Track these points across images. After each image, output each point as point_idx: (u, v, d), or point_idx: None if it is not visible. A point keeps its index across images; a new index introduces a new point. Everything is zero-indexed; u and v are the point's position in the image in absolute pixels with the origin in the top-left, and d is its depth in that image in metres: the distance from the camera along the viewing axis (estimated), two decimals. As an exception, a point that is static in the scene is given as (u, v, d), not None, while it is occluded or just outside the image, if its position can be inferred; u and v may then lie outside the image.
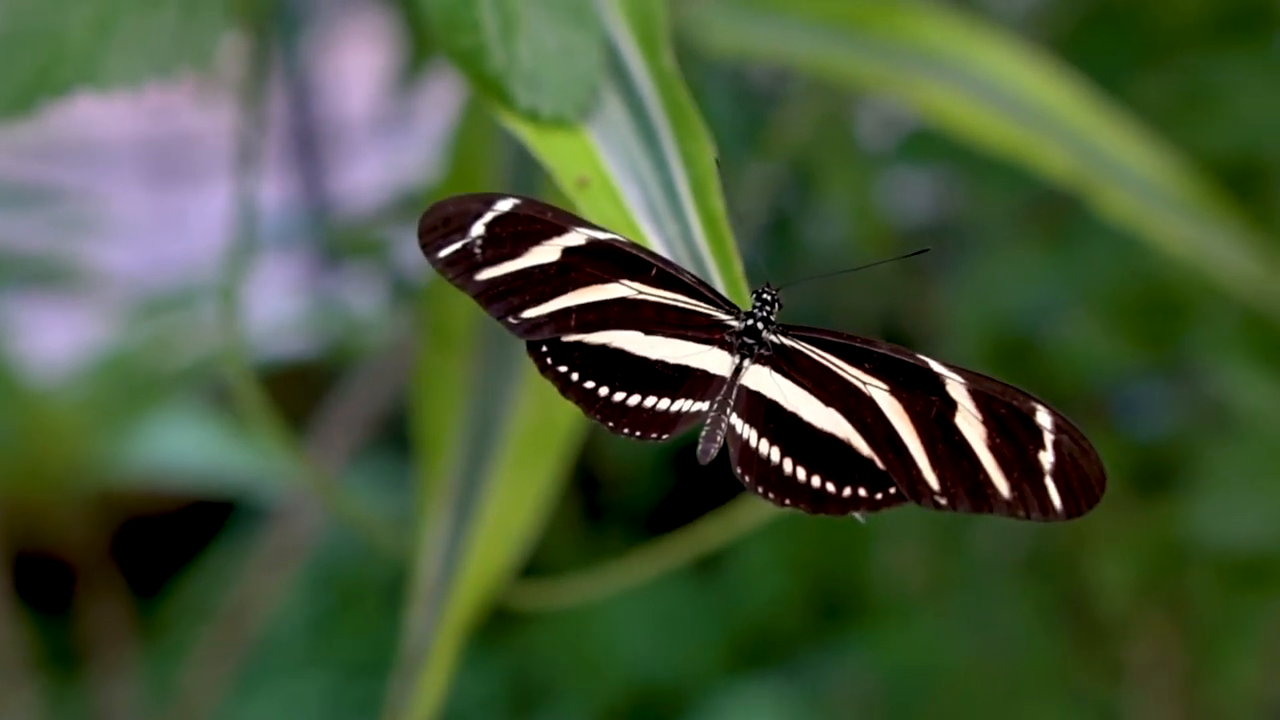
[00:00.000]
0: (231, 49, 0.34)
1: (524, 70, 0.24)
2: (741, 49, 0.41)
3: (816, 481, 0.23)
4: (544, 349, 0.24)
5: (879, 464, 0.23)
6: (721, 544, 0.38)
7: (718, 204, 0.23)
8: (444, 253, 0.23)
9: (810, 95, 0.56)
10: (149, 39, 0.27)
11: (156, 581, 0.88)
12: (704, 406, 0.23)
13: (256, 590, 0.67)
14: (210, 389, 0.85)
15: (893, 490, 0.23)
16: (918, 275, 0.68)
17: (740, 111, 0.63)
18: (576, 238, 0.23)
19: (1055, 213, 0.53)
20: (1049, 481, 0.22)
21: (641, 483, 0.88)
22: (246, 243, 0.34)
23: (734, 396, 0.23)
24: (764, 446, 0.23)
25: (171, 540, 0.91)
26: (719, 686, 0.80)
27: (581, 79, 0.25)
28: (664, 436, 0.23)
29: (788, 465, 0.23)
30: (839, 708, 0.77)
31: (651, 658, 0.82)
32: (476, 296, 0.24)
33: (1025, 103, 0.39)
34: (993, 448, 0.22)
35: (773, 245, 0.70)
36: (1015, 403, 0.22)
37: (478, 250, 0.23)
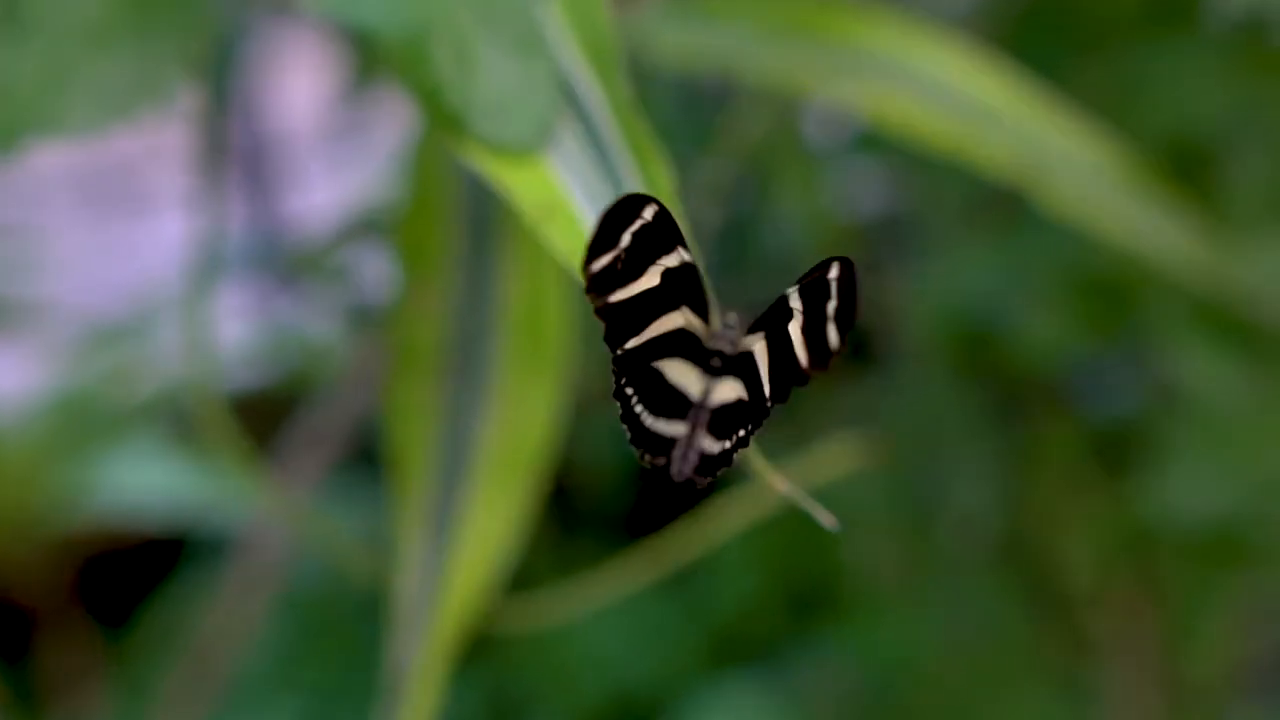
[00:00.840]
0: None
1: (481, 104, 0.25)
2: (686, 58, 0.42)
3: (725, 447, 0.23)
4: (619, 372, 0.23)
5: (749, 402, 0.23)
6: (699, 550, 0.38)
7: (683, 228, 0.24)
8: (596, 266, 0.22)
9: (758, 98, 0.56)
10: (106, 83, 0.27)
11: (121, 618, 0.87)
12: (683, 430, 0.23)
13: (224, 622, 0.66)
14: (168, 420, 0.84)
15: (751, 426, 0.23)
16: (871, 272, 0.69)
17: (688, 116, 0.64)
18: (674, 258, 0.23)
19: (1006, 205, 0.54)
20: (830, 327, 0.22)
21: (613, 489, 0.89)
22: (207, 269, 0.34)
23: (702, 417, 0.23)
24: (709, 444, 0.23)
25: (134, 576, 0.90)
26: (698, 689, 0.80)
27: (539, 110, 0.25)
28: (661, 461, 0.23)
29: (714, 447, 0.23)
30: (819, 702, 0.78)
31: (629, 665, 0.82)
32: (605, 322, 0.23)
33: (968, 99, 0.40)
34: (804, 329, 0.23)
35: (726, 248, 0.71)
36: (817, 271, 0.23)
37: (621, 265, 0.22)
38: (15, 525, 0.76)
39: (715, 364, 0.24)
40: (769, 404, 0.23)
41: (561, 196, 0.25)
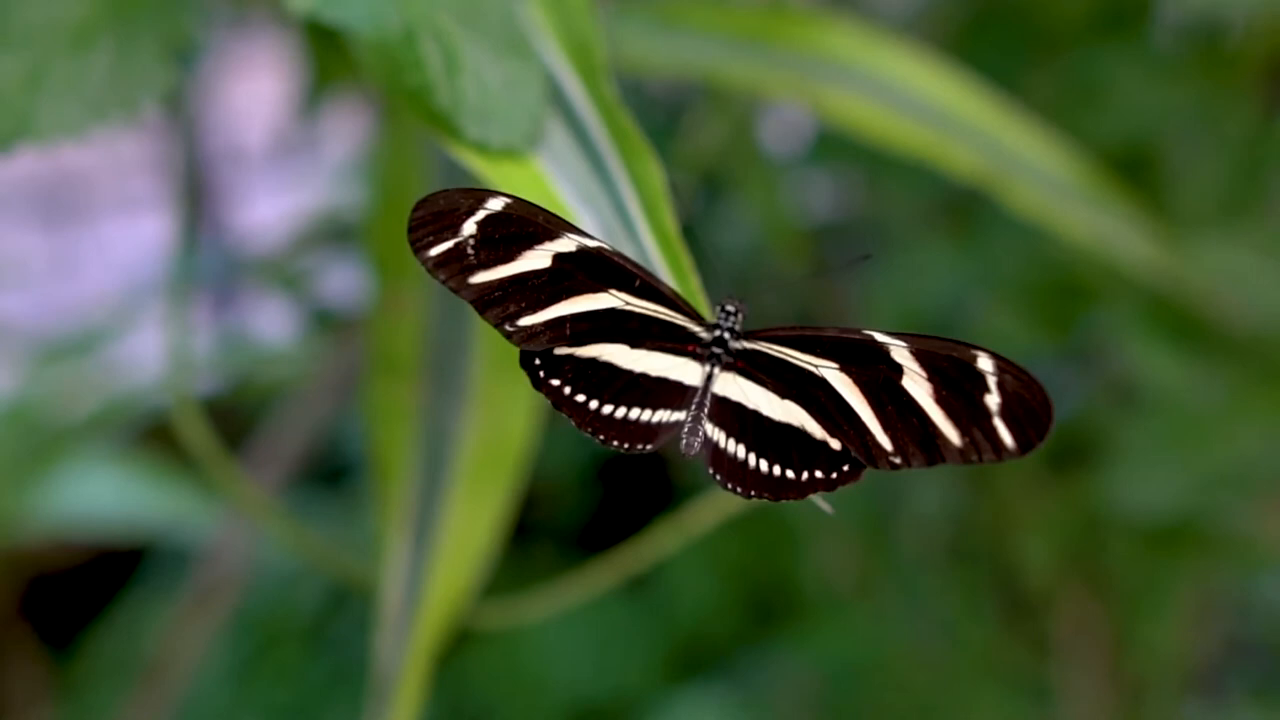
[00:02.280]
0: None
1: (470, 104, 0.25)
2: (648, 64, 0.42)
3: (777, 470, 0.24)
4: (537, 363, 0.24)
5: (832, 444, 0.24)
6: (656, 559, 0.39)
7: (670, 222, 0.24)
8: (435, 251, 0.23)
9: (715, 104, 0.57)
10: (83, 86, 0.27)
11: (70, 636, 0.86)
12: (680, 416, 0.24)
13: (178, 639, 0.66)
14: (118, 435, 0.83)
15: (846, 468, 0.24)
16: (829, 274, 0.69)
17: (643, 121, 0.64)
18: (568, 244, 0.24)
19: (963, 207, 0.55)
20: (998, 422, 0.23)
21: (569, 498, 0.88)
22: (185, 279, 0.34)
23: (706, 404, 0.24)
24: (731, 446, 0.24)
25: (83, 593, 0.89)
26: (660, 698, 0.80)
27: (527, 110, 0.25)
28: (648, 446, 0.24)
29: (752, 460, 0.24)
30: (781, 708, 0.78)
31: (590, 675, 0.82)
32: (473, 302, 0.24)
33: (930, 105, 0.41)
34: (940, 400, 0.23)
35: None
36: (955, 354, 0.23)
37: (471, 251, 0.23)
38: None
39: (727, 359, 0.24)
40: (893, 460, 0.24)
41: (553, 194, 0.25)
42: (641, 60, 0.41)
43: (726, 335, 0.25)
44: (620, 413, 0.24)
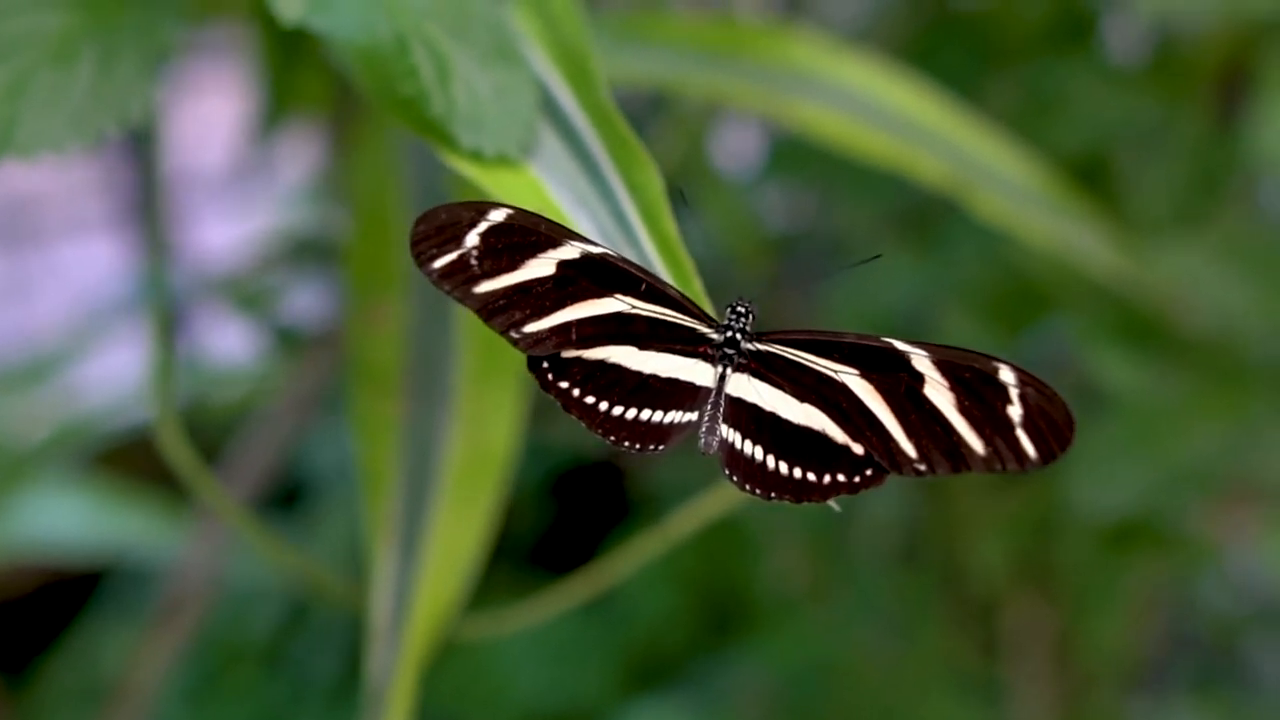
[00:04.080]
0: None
1: (463, 113, 0.25)
2: (623, 77, 0.43)
3: (798, 473, 0.24)
4: (545, 365, 0.24)
5: (855, 449, 0.24)
6: (616, 578, 0.39)
7: (671, 227, 0.25)
8: (439, 263, 0.24)
9: (671, 117, 0.57)
10: (66, 99, 0.27)
11: (25, 662, 0.85)
12: (693, 416, 0.25)
13: (140, 661, 0.65)
14: (76, 458, 0.82)
15: (869, 472, 0.24)
16: (788, 285, 0.70)
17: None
18: (571, 251, 0.24)
19: (922, 215, 0.56)
20: (1020, 433, 0.24)
21: (524, 514, 0.88)
22: (162, 299, 0.34)
23: (721, 405, 0.25)
24: (748, 447, 0.24)
25: (38, 619, 0.88)
26: (618, 708, 0.81)
27: (519, 117, 0.26)
28: (659, 447, 0.25)
29: (771, 461, 0.24)
30: (739, 714, 0.79)
31: (548, 688, 0.82)
32: (478, 311, 0.24)
33: (894, 113, 0.41)
34: (963, 410, 0.24)
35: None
36: (978, 365, 0.24)
37: (474, 262, 0.24)
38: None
39: (740, 360, 0.25)
40: (917, 467, 0.24)
41: (548, 199, 0.25)
42: (614, 73, 0.42)
43: (738, 336, 0.25)
44: (631, 414, 0.24)
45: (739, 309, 0.25)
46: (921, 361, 0.24)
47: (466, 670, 0.82)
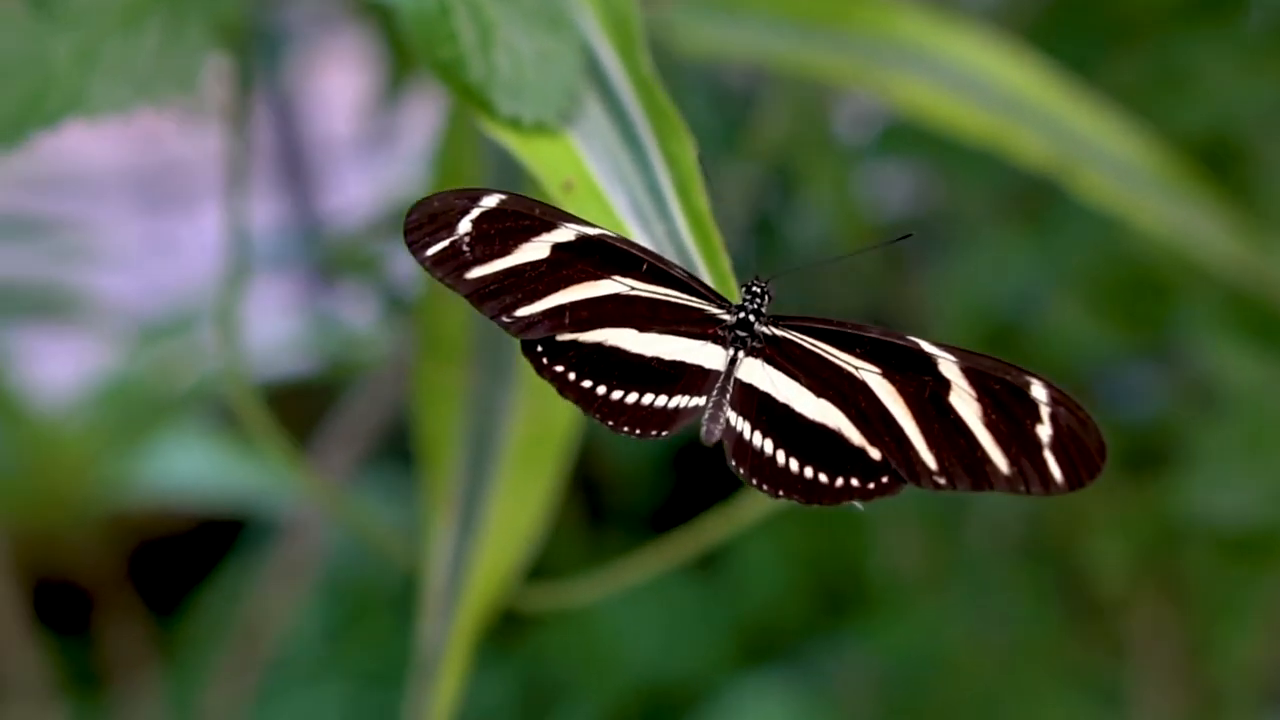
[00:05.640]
0: (216, 73, 0.34)
1: (503, 79, 0.25)
2: (712, 50, 0.42)
3: (809, 472, 0.23)
4: (539, 349, 0.24)
5: (871, 453, 0.23)
6: (723, 540, 0.38)
7: (703, 202, 0.24)
8: (431, 251, 0.23)
9: (786, 93, 0.56)
10: (133, 65, 0.27)
11: (172, 601, 0.89)
12: (700, 401, 0.24)
13: (270, 605, 0.67)
14: (215, 409, 0.86)
15: (885, 479, 0.23)
16: (900, 267, 0.68)
17: (717, 113, 0.64)
18: (566, 233, 0.23)
19: (1035, 198, 0.53)
20: (1048, 455, 0.22)
21: (642, 484, 0.89)
22: (241, 264, 0.35)
23: (729, 389, 0.24)
24: (758, 439, 0.23)
25: (185, 560, 0.92)
26: (727, 682, 0.80)
27: (561, 85, 0.25)
28: (664, 433, 0.24)
29: (780, 457, 0.23)
30: (845, 697, 0.78)
31: (659, 656, 0.83)
32: (468, 296, 0.24)
33: (1000, 91, 0.40)
34: (989, 424, 0.22)
35: (756, 245, 0.71)
36: (1009, 377, 0.22)
37: (466, 248, 0.23)
38: (71, 509, 0.78)
39: (754, 344, 0.24)
40: (936, 480, 0.23)
41: (584, 170, 0.25)
42: (705, 45, 0.41)
43: (751, 318, 0.24)
44: (631, 398, 0.24)
45: (755, 289, 0.24)
46: (949, 367, 0.23)
47: (578, 636, 0.83)
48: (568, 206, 0.24)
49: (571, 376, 0.24)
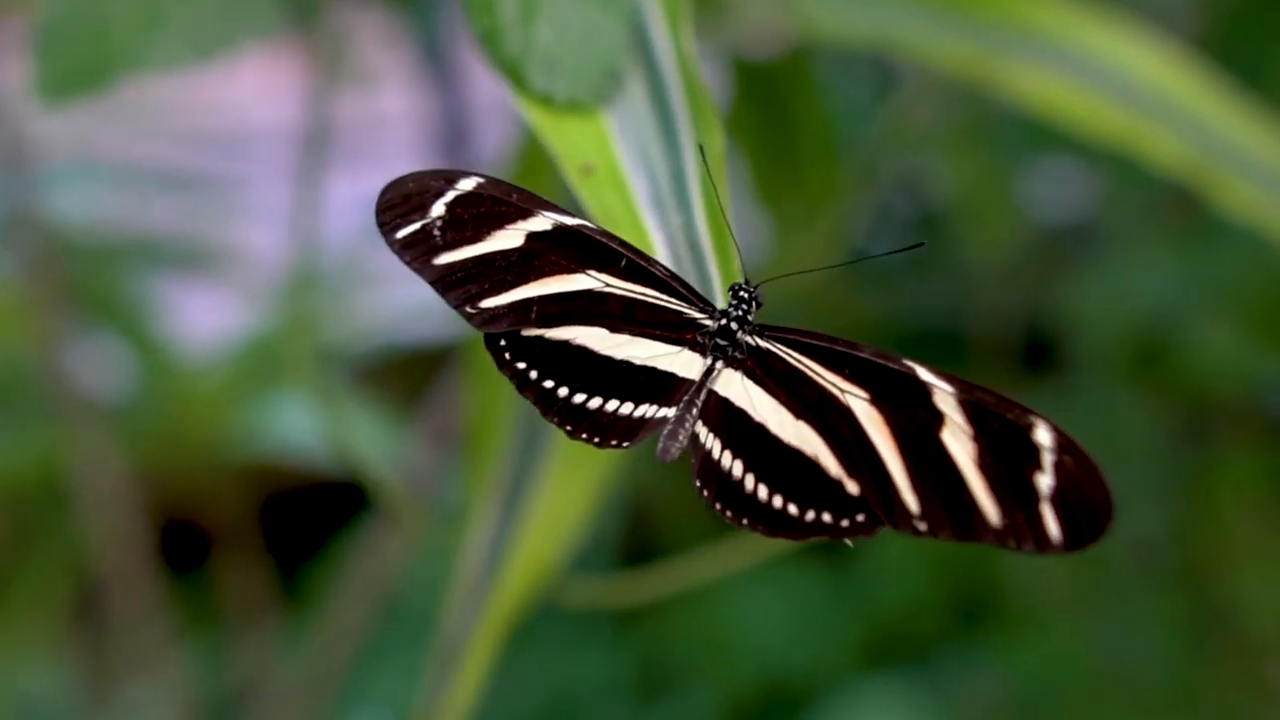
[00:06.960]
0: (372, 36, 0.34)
1: (541, 53, 0.23)
2: (840, 35, 0.39)
3: (778, 502, 0.21)
4: (502, 343, 0.22)
5: (849, 487, 0.21)
6: None
7: (722, 195, 0.22)
8: (401, 234, 0.22)
9: (937, 86, 0.53)
10: (197, 20, 0.27)
11: (300, 554, 0.91)
12: (670, 413, 0.22)
13: (384, 558, 0.68)
14: (350, 369, 0.87)
15: (860, 518, 0.21)
16: (1061, 270, 0.65)
17: (879, 103, 0.61)
18: (542, 222, 0.22)
19: (1189, 207, 0.49)
20: (1045, 508, 0.20)
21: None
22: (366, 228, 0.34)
23: (700, 401, 0.22)
24: (727, 459, 0.21)
25: (310, 515, 0.94)
26: (849, 682, 0.79)
27: (601, 62, 0.24)
28: (626, 444, 0.22)
29: (749, 482, 0.21)
30: (968, 711, 0.75)
31: (782, 649, 0.81)
32: (433, 284, 0.22)
33: (1136, 87, 0.36)
34: (983, 467, 0.20)
35: (918, 239, 0.68)
36: (1011, 416, 0.20)
37: (437, 232, 0.22)
38: (203, 454, 0.80)
39: (735, 354, 0.22)
40: (917, 525, 0.21)
41: (610, 154, 0.23)
42: (834, 30, 0.39)
43: (734, 325, 0.22)
44: (594, 403, 0.22)
45: (742, 293, 0.22)
46: (944, 399, 0.20)
47: (700, 620, 0.82)
48: (585, 191, 0.22)
49: (533, 375, 0.22)
